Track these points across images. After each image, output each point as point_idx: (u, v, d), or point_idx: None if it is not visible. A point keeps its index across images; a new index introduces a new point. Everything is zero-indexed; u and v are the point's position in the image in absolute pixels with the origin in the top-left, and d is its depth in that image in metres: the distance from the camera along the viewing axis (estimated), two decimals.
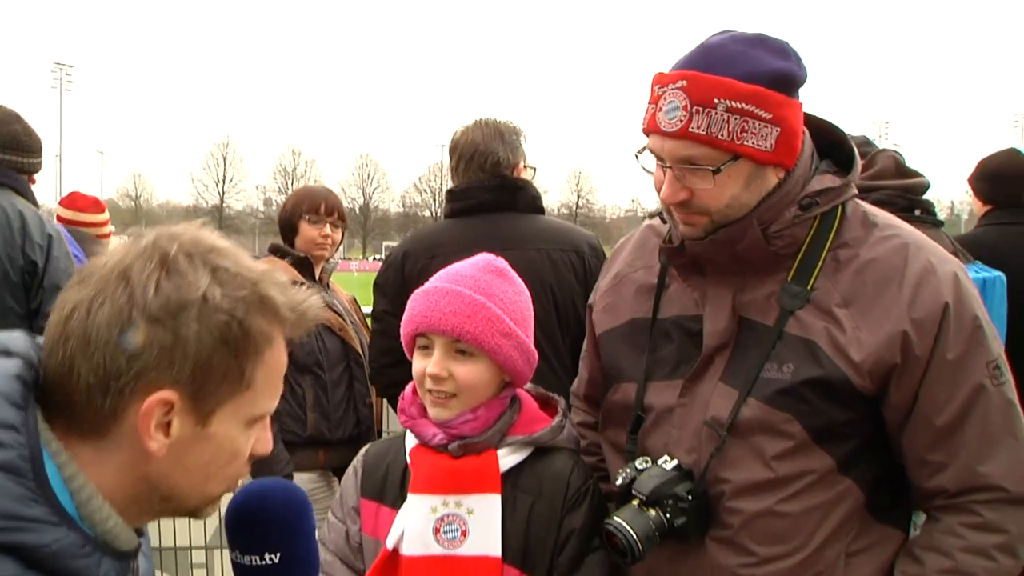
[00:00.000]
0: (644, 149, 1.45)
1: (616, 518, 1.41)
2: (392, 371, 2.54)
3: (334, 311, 3.14)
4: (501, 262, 1.62)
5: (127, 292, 0.90)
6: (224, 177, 76.81)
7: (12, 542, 0.82)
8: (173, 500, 0.99)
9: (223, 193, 76.45)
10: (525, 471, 1.56)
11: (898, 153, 1.50)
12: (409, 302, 1.57)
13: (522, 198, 2.58)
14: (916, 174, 1.53)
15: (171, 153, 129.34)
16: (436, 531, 1.49)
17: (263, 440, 1.03)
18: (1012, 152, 3.54)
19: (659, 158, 1.42)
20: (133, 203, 76.08)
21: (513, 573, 1.50)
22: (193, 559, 3.91)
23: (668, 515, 1.40)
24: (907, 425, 1.38)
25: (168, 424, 0.92)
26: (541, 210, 2.66)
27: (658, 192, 1.45)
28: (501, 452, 1.54)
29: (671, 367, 1.52)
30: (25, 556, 0.84)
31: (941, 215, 3.64)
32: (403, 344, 1.61)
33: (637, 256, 1.69)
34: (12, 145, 3.35)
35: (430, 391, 1.53)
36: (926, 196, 2.62)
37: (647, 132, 1.43)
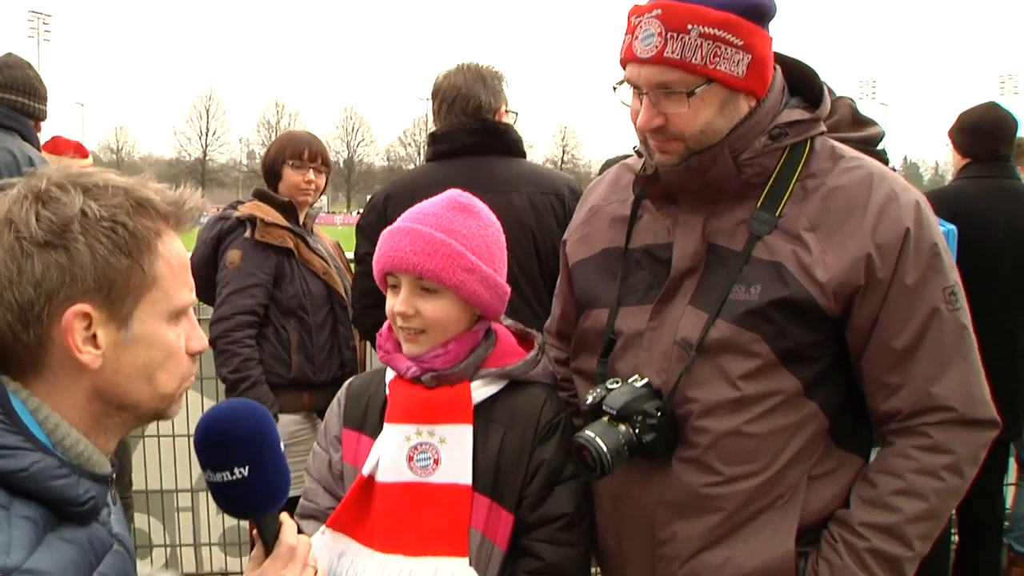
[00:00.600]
0: (622, 81, 1.48)
1: (587, 431, 1.46)
2: (374, 312, 2.56)
3: (318, 255, 3.17)
4: (467, 197, 1.65)
5: (13, 232, 0.97)
6: (207, 130, 75.69)
7: None
8: (129, 408, 1.05)
9: (206, 146, 75.40)
10: (498, 403, 1.61)
11: (852, 100, 1.55)
12: (378, 242, 1.61)
13: (504, 142, 2.60)
14: (871, 123, 1.58)
15: (153, 106, 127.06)
16: (410, 459, 1.54)
17: (195, 337, 1.10)
18: (991, 105, 3.57)
19: (635, 86, 1.46)
20: (115, 156, 75.08)
21: (483, 501, 1.55)
22: (179, 502, 3.96)
23: (637, 431, 1.45)
24: (867, 348, 1.44)
25: (94, 337, 0.99)
26: (522, 154, 2.68)
27: (634, 122, 1.48)
28: (474, 384, 1.59)
29: (641, 293, 1.57)
30: (6, 482, 0.90)
31: (926, 175, 3.69)
32: (378, 283, 1.64)
33: (611, 191, 1.74)
34: (27, 89, 3.41)
35: (401, 328, 1.58)
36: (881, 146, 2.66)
37: (624, 63, 1.46)
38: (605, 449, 1.43)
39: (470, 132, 2.57)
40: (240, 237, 3.05)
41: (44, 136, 3.85)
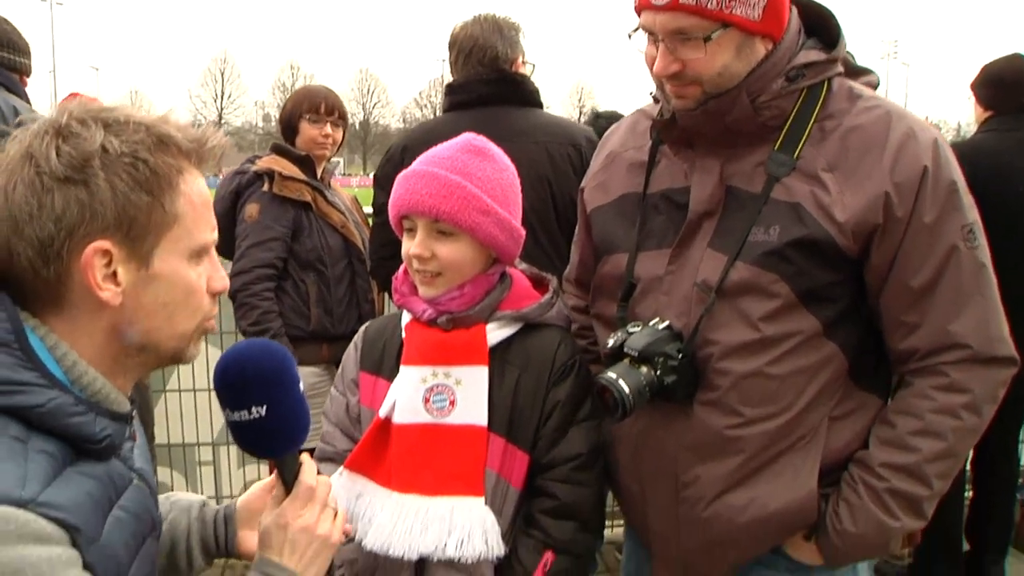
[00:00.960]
0: (637, 28, 1.47)
1: (609, 373, 1.47)
2: (391, 264, 2.54)
3: (336, 209, 3.19)
4: (482, 141, 1.65)
5: (33, 166, 0.96)
6: (222, 93, 75.63)
7: (9, 404, 0.89)
8: (149, 348, 1.05)
9: (221, 109, 75.26)
10: (514, 345, 1.62)
11: (849, 53, 1.55)
12: (393, 186, 1.61)
13: (520, 92, 2.59)
14: (866, 71, 1.58)
15: (168, 69, 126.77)
16: (426, 400, 1.56)
17: (217, 277, 1.10)
18: (1015, 57, 3.48)
19: (651, 33, 1.45)
20: None
21: (499, 442, 1.57)
22: (201, 456, 4.03)
23: (658, 372, 1.46)
24: (885, 287, 1.44)
25: (115, 275, 0.98)
26: (540, 104, 2.67)
27: (650, 69, 1.47)
28: (490, 326, 1.61)
29: (659, 237, 1.57)
30: (24, 418, 0.90)
31: (948, 136, 3.65)
32: (393, 227, 1.65)
33: (629, 137, 1.73)
34: (4, 42, 3.34)
35: (417, 271, 1.59)
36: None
37: (639, 9, 1.45)
38: (627, 390, 1.44)
39: (487, 82, 2.56)
40: (258, 191, 3.08)
41: (41, 100, 3.85)
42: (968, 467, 3.48)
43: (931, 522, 3.52)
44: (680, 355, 1.47)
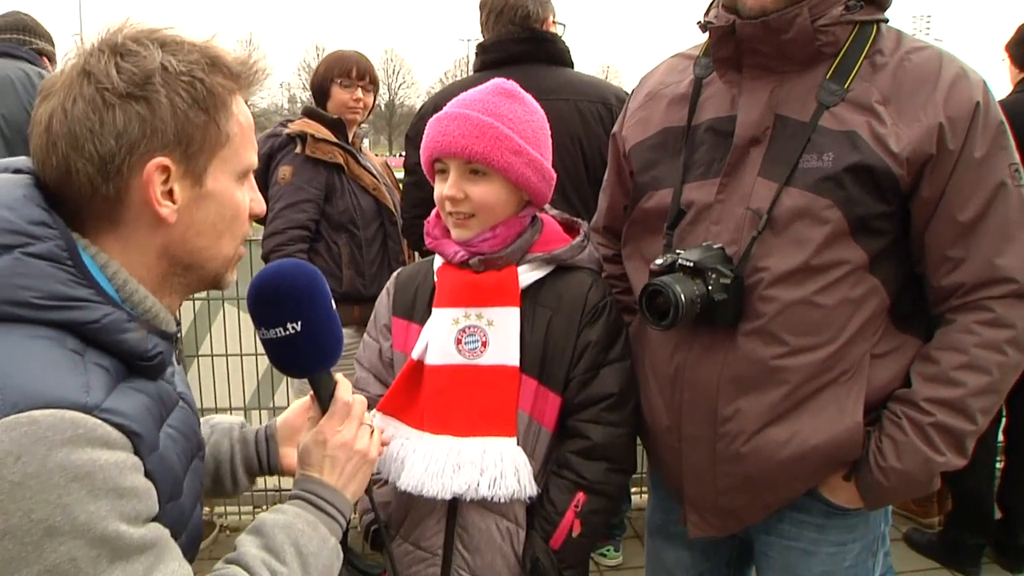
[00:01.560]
0: None
1: (663, 278, 1.46)
2: (423, 223, 2.60)
3: (368, 172, 3.21)
4: (512, 84, 1.65)
5: (92, 84, 0.96)
6: None
7: (66, 319, 0.91)
8: (195, 268, 1.07)
9: None
10: (545, 287, 1.62)
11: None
12: (425, 130, 1.62)
13: (551, 50, 2.59)
14: None
15: None
16: (458, 342, 1.57)
17: (257, 200, 1.13)
18: None
19: None
20: None
21: (531, 383, 1.58)
22: None
23: (710, 287, 1.45)
24: (933, 221, 1.44)
25: (171, 192, 1.00)
26: (570, 63, 2.66)
27: None
28: (521, 268, 1.61)
29: (706, 166, 1.55)
30: (79, 333, 0.92)
31: None
32: (425, 173, 1.66)
33: (668, 75, 1.72)
34: (20, 27, 3.48)
35: (450, 213, 1.60)
36: None
37: None
38: (682, 296, 1.43)
39: (517, 41, 2.57)
40: (291, 153, 3.10)
41: None
42: (1000, 435, 3.45)
43: (962, 490, 3.51)
44: (733, 275, 1.46)
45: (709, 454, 1.57)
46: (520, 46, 2.57)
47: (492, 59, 2.61)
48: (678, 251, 1.52)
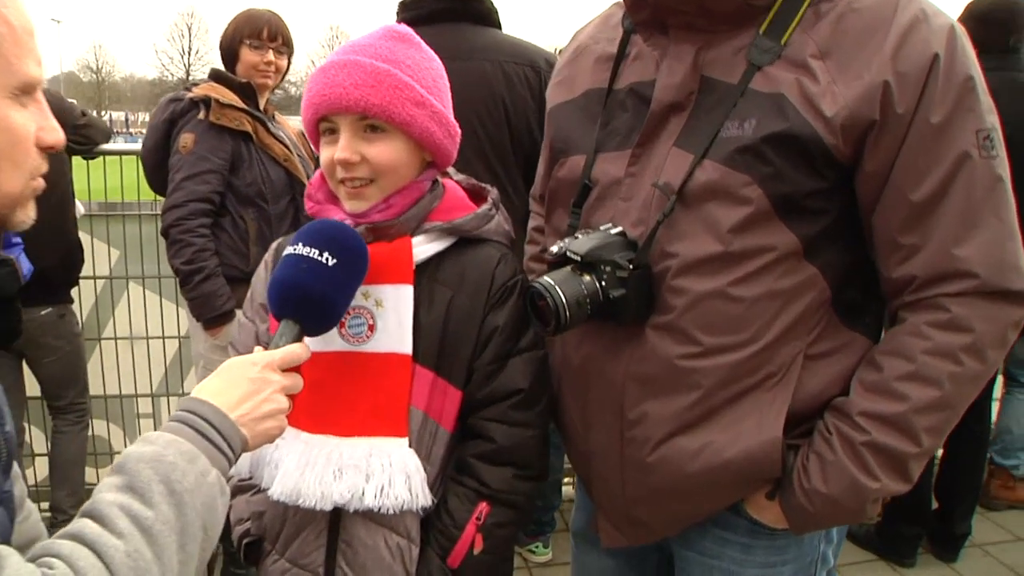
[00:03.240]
0: None
1: (545, 278, 1.25)
2: None
3: (279, 142, 2.95)
4: (405, 28, 1.41)
5: None
6: (189, 49, 73.64)
7: None
8: None
9: (189, 65, 73.38)
10: (446, 262, 1.40)
11: None
12: (306, 84, 1.37)
13: (476, 9, 2.37)
14: None
15: (132, 23, 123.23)
16: (341, 325, 1.34)
17: (48, 128, 0.91)
18: None
19: None
20: (95, 76, 73.27)
21: (426, 375, 1.35)
22: (140, 408, 3.81)
23: (604, 284, 1.25)
24: (881, 201, 1.21)
25: None
26: (497, 24, 2.45)
27: None
28: (417, 240, 1.37)
29: (623, 136, 1.35)
30: None
31: None
32: (307, 135, 1.42)
33: (600, 29, 1.50)
34: None
35: (343, 181, 1.34)
36: None
37: None
38: (564, 298, 1.22)
39: None
40: (193, 120, 2.83)
41: None
42: None
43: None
44: (631, 266, 1.24)
45: (616, 460, 1.36)
46: (443, 3, 2.34)
47: (412, 16, 2.38)
48: (577, 235, 1.30)
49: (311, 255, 1.18)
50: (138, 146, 3.13)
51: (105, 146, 3.43)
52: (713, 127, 1.23)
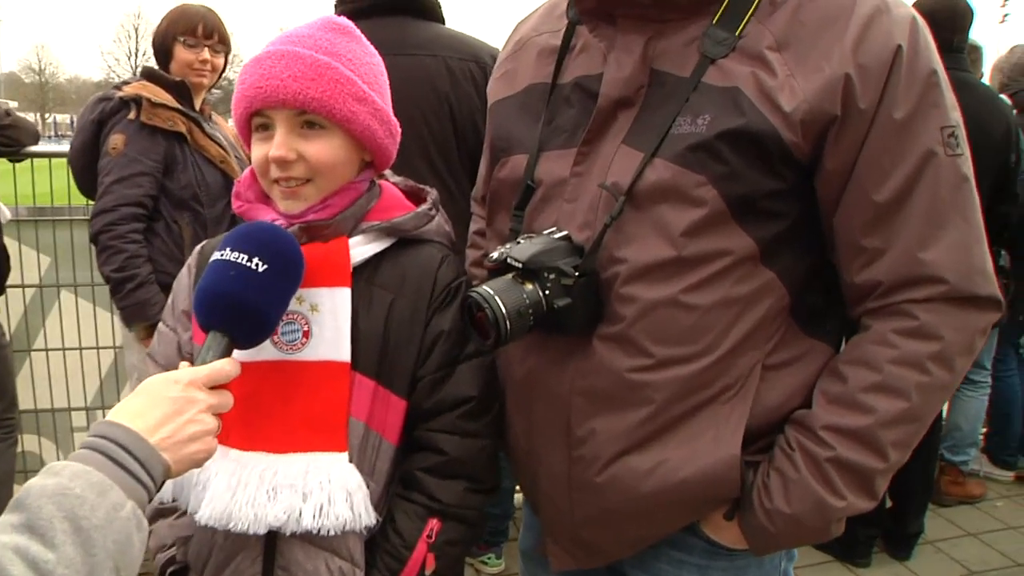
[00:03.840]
0: None
1: (484, 287, 1.17)
2: None
3: (215, 143, 2.83)
4: (345, 20, 1.33)
5: None
6: (136, 51, 72.10)
7: None
8: None
9: (136, 67, 72.04)
10: (385, 264, 1.31)
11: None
12: (239, 76, 1.27)
13: (417, 2, 2.27)
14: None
15: (76, 24, 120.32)
16: (274, 331, 1.24)
17: None
18: None
19: None
20: (38, 78, 71.37)
21: (367, 384, 1.27)
22: (74, 422, 3.63)
23: (547, 292, 1.16)
24: (842, 202, 1.15)
25: None
26: (441, 19, 2.36)
27: None
28: (354, 240, 1.29)
29: (568, 134, 1.27)
30: None
31: None
32: (238, 131, 1.32)
33: (544, 21, 1.42)
34: None
35: (277, 181, 1.25)
36: None
37: None
38: (504, 311, 1.14)
39: None
40: (124, 120, 2.69)
41: None
42: None
43: None
44: (577, 273, 1.17)
45: (564, 480, 1.28)
46: None
47: (351, 9, 2.27)
48: (519, 240, 1.22)
49: (240, 261, 1.09)
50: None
51: (34, 148, 3.27)
52: (664, 123, 1.15)
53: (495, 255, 1.23)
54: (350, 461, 1.23)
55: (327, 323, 1.25)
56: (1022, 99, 3.87)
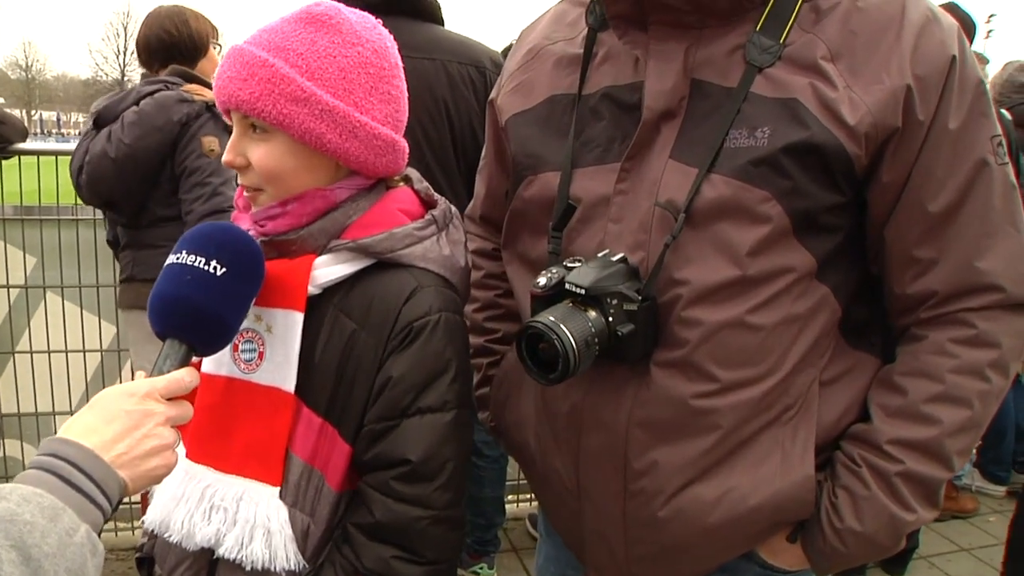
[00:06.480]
0: None
1: (544, 316, 1.08)
2: None
3: None
4: (327, 8, 1.19)
5: None
6: (125, 49, 71.78)
7: None
8: None
9: (124, 66, 71.53)
10: (357, 289, 1.18)
11: None
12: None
13: (417, 3, 2.23)
14: None
15: (65, 21, 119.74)
16: (235, 348, 1.18)
17: None
18: (949, 6, 3.35)
19: None
20: (25, 74, 70.92)
21: (314, 420, 1.16)
22: (57, 426, 3.56)
23: (611, 318, 1.09)
24: (896, 212, 1.12)
25: None
26: (440, 20, 2.32)
27: None
28: (321, 259, 1.17)
29: (603, 148, 1.19)
30: None
31: None
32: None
33: (554, 28, 1.35)
34: None
35: (240, 184, 1.20)
36: None
37: None
38: (572, 340, 1.06)
39: None
40: (209, 122, 2.68)
41: None
42: None
43: None
44: (640, 297, 1.10)
45: (618, 516, 1.21)
46: None
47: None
48: (568, 264, 1.15)
49: (196, 264, 1.03)
50: (61, 147, 2.93)
51: (22, 145, 3.21)
52: (715, 136, 1.10)
53: (543, 280, 1.15)
54: (283, 497, 1.15)
55: (278, 347, 1.16)
56: (1021, 112, 3.87)
